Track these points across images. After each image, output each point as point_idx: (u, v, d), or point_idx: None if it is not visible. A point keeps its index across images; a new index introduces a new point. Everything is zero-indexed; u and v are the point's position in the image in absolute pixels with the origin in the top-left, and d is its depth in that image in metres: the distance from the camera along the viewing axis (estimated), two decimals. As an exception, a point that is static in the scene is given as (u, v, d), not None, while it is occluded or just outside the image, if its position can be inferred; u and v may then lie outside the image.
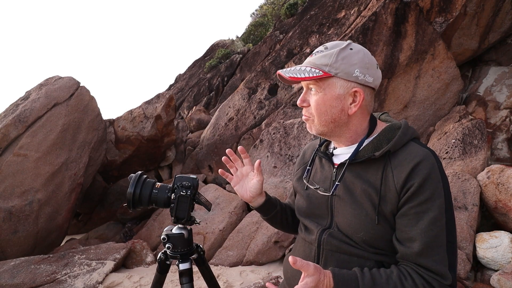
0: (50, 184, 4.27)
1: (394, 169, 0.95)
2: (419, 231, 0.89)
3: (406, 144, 0.98)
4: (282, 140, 4.55)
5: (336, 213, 1.04)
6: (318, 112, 1.01)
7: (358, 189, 0.99)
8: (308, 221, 1.12)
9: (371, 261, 0.98)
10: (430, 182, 0.90)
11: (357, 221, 0.98)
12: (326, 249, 1.03)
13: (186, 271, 1.26)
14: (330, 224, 1.06)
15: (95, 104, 5.02)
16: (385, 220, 0.95)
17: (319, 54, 0.99)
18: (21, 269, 3.33)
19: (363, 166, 1.01)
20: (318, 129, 1.04)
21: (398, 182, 0.93)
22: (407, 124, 1.02)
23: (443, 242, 0.89)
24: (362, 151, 1.01)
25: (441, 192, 0.91)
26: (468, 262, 2.92)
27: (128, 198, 1.20)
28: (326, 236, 1.04)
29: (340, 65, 0.96)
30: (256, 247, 3.78)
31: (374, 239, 0.97)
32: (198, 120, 7.40)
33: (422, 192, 0.90)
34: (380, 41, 4.46)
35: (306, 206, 1.13)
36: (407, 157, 0.94)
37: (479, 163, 3.64)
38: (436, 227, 0.89)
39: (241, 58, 10.23)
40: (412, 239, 0.91)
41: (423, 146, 0.97)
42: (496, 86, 4.81)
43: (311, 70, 0.97)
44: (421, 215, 0.90)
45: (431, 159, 0.93)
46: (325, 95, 0.99)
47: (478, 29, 4.80)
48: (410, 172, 0.92)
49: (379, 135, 1.01)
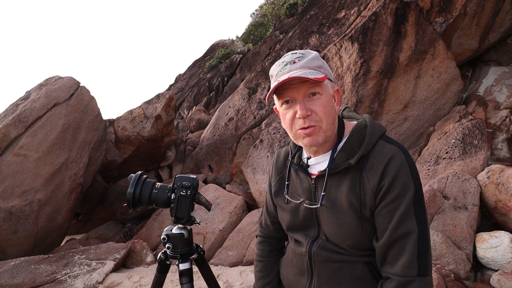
0: (50, 184, 4.27)
1: (368, 172, 0.97)
2: (391, 226, 0.93)
3: (375, 144, 0.99)
4: (282, 140, 4.55)
5: (322, 223, 1.05)
6: (326, 115, 0.98)
7: (339, 198, 1.00)
8: (296, 234, 1.13)
9: (360, 264, 1.01)
10: (399, 178, 0.93)
11: (342, 229, 1.00)
12: (318, 261, 1.05)
13: (186, 271, 1.26)
14: (318, 234, 1.07)
15: (95, 104, 5.02)
16: (367, 222, 0.98)
17: (305, 58, 0.98)
18: (21, 269, 3.33)
19: (341, 175, 1.01)
20: (326, 134, 0.99)
21: (374, 185, 0.95)
22: (371, 121, 1.03)
23: (414, 233, 0.92)
24: (337, 159, 1.01)
25: (410, 186, 0.93)
26: (468, 262, 2.92)
27: (128, 198, 1.20)
28: (316, 248, 1.05)
29: (326, 67, 1.01)
30: (256, 247, 3.78)
31: (360, 243, 1.00)
32: (198, 120, 7.40)
33: (393, 189, 0.93)
34: (380, 41, 4.46)
35: (291, 220, 1.13)
36: (377, 158, 0.96)
37: (479, 163, 3.64)
38: (407, 220, 0.92)
39: (241, 58, 10.24)
40: (385, 234, 0.95)
41: (391, 143, 0.99)
42: (496, 86, 4.81)
43: (317, 72, 0.96)
44: (394, 212, 0.93)
45: (399, 155, 0.95)
46: (326, 96, 0.99)
47: (478, 29, 4.80)
48: (382, 173, 0.94)
49: (349, 139, 1.02)
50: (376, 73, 4.45)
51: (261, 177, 4.49)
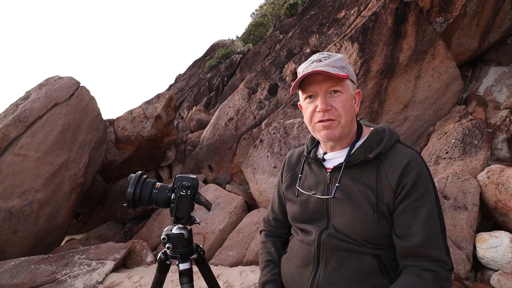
0: (50, 184, 4.27)
1: (387, 169, 1.03)
2: (419, 225, 0.98)
3: (393, 145, 1.07)
4: (282, 140, 4.55)
5: (333, 215, 1.09)
6: (346, 112, 1.06)
7: (354, 190, 1.05)
8: (304, 225, 1.15)
9: (368, 255, 1.04)
10: (422, 180, 1.00)
11: (356, 221, 1.04)
12: (326, 249, 1.07)
13: (186, 271, 1.26)
14: (327, 225, 1.10)
15: (95, 104, 5.02)
16: (383, 216, 1.03)
17: (331, 58, 1.07)
18: (21, 269, 3.33)
19: (357, 169, 1.07)
20: (344, 130, 1.08)
21: (393, 181, 1.01)
22: (389, 127, 1.12)
23: (439, 232, 0.99)
24: (355, 154, 1.08)
25: (431, 188, 1.01)
26: (468, 262, 2.92)
27: (128, 198, 1.20)
28: (325, 236, 1.08)
29: (349, 68, 1.10)
30: (256, 247, 3.78)
31: (373, 235, 1.03)
32: (198, 120, 7.40)
33: (416, 189, 0.99)
34: (380, 41, 4.46)
35: (300, 212, 1.17)
36: (397, 158, 1.04)
37: (479, 163, 3.64)
38: (433, 219, 0.99)
39: (241, 58, 10.24)
40: (413, 233, 0.98)
41: (408, 147, 1.07)
42: (496, 86, 4.81)
43: (340, 71, 1.05)
44: (418, 210, 0.99)
45: (419, 159, 1.04)
46: (347, 95, 1.07)
47: (478, 29, 4.80)
48: (403, 171, 1.01)
49: (368, 138, 1.09)
50: (376, 73, 4.46)
51: (261, 177, 4.49)
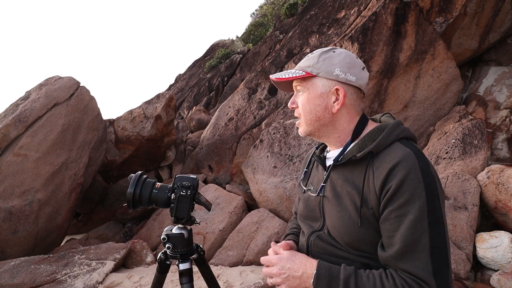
0: (50, 184, 4.27)
1: (375, 170, 0.93)
2: (399, 235, 0.86)
3: (391, 144, 0.95)
4: (282, 140, 4.55)
5: (326, 215, 1.05)
6: (304, 111, 1.07)
7: (343, 191, 1.00)
8: (303, 224, 1.15)
9: (357, 264, 0.97)
10: (408, 183, 0.86)
11: (341, 223, 0.98)
12: (314, 251, 1.05)
13: (186, 271, 1.26)
14: (322, 226, 1.06)
15: (95, 104, 5.02)
16: (368, 222, 0.93)
17: (305, 58, 1.09)
18: (21, 269, 3.33)
19: (350, 168, 1.00)
20: (305, 129, 1.09)
21: (377, 184, 0.91)
22: (396, 124, 1.00)
23: (426, 247, 0.84)
24: (348, 153, 1.01)
25: (422, 193, 0.85)
26: (468, 262, 2.92)
27: (128, 198, 1.20)
28: (313, 238, 1.06)
29: (321, 65, 1.03)
30: (256, 247, 3.78)
31: (357, 241, 0.95)
32: (198, 120, 7.40)
33: (401, 195, 0.86)
34: (380, 41, 4.46)
35: (303, 209, 1.16)
36: (387, 158, 0.92)
37: (479, 163, 3.64)
38: (417, 231, 0.84)
39: (241, 58, 10.24)
40: (393, 244, 0.87)
41: (408, 146, 0.94)
42: (496, 86, 4.81)
43: (295, 72, 1.07)
44: (402, 219, 0.86)
45: (412, 159, 0.89)
46: (309, 94, 1.05)
47: (478, 29, 4.80)
48: (388, 174, 0.89)
49: (365, 137, 1.01)
50: (376, 73, 4.46)
51: (261, 177, 4.49)
